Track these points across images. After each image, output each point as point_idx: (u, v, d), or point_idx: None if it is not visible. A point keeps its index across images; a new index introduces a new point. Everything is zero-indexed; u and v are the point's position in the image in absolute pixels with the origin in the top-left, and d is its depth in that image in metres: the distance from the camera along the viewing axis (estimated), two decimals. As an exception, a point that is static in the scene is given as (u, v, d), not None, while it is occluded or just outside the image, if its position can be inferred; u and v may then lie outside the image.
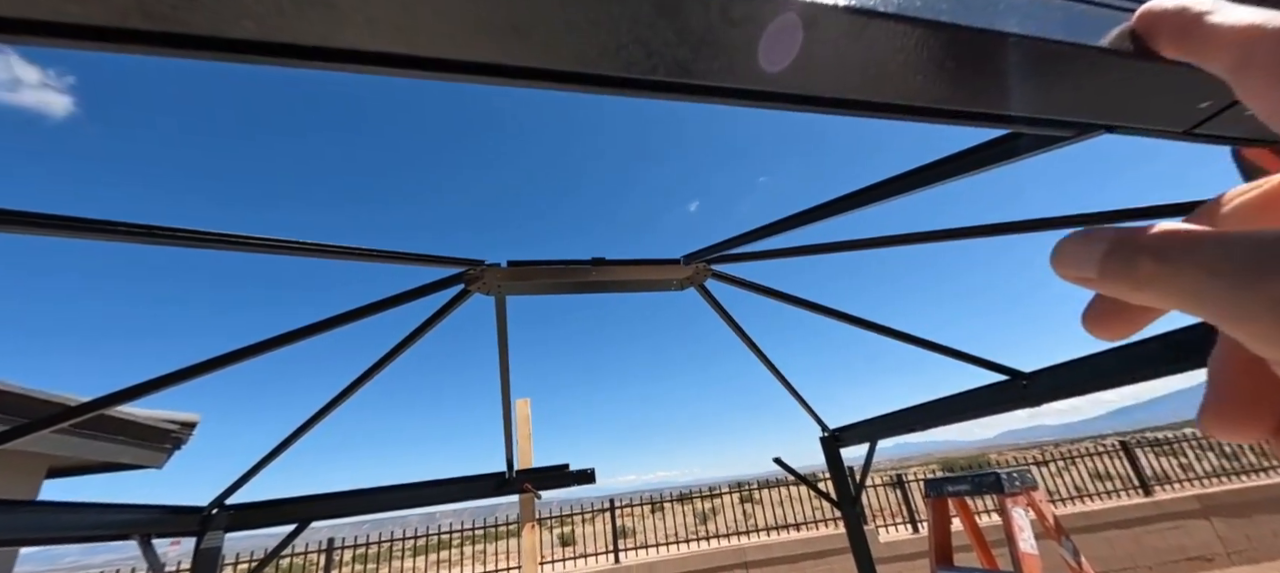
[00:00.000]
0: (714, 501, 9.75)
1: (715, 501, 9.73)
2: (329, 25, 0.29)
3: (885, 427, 3.13)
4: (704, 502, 9.92)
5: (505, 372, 2.49)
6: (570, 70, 0.32)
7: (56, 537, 1.83)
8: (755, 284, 2.07)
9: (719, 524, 9.16)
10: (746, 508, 9.49)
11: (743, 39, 0.31)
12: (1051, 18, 0.32)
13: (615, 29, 0.29)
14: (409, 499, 2.87)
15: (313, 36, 0.29)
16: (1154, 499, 8.38)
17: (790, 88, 0.34)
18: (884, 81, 0.32)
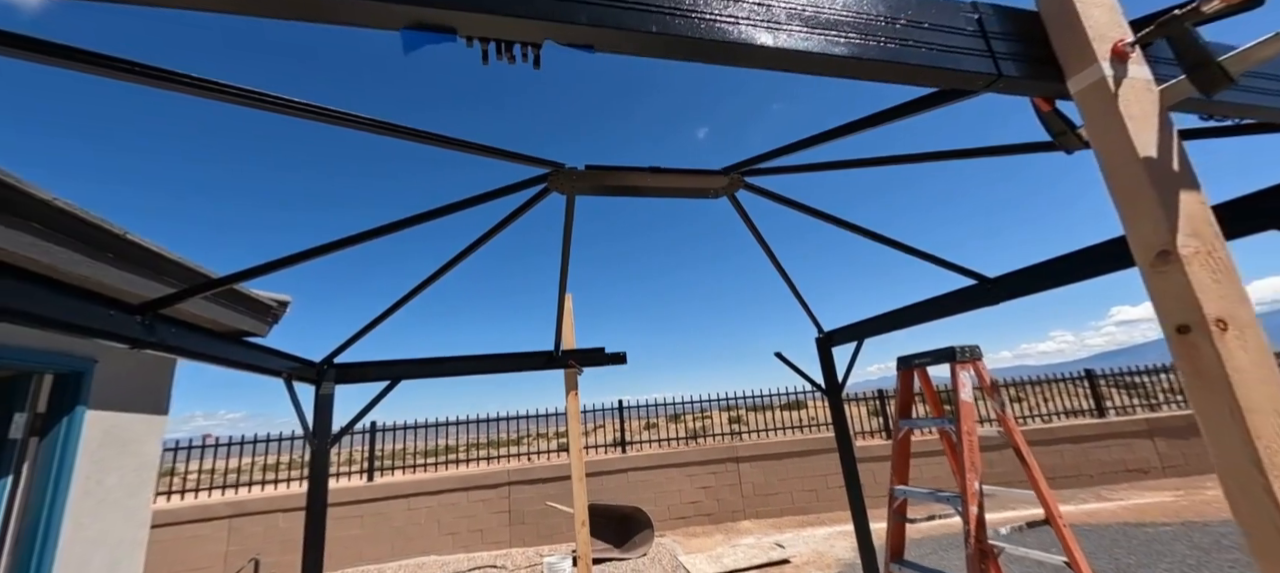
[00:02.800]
0: (704, 419, 10.57)
1: (705, 419, 10.54)
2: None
3: (873, 327, 3.67)
4: (695, 420, 10.76)
5: (565, 265, 2.99)
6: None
7: (238, 363, 2.39)
8: (778, 195, 2.51)
9: (708, 444, 10.04)
10: (734, 428, 10.37)
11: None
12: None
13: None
14: (476, 367, 3.47)
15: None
16: (1105, 420, 9.33)
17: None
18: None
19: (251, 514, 7.19)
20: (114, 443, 2.66)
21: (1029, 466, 2.30)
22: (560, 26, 0.55)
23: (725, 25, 0.60)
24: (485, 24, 0.54)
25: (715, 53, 0.60)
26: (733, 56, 0.60)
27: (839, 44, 0.64)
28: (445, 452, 9.16)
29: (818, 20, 0.64)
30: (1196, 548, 5.26)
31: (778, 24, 0.62)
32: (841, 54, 0.64)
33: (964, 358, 2.31)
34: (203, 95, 1.26)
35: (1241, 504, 0.57)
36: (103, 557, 2.59)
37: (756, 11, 0.61)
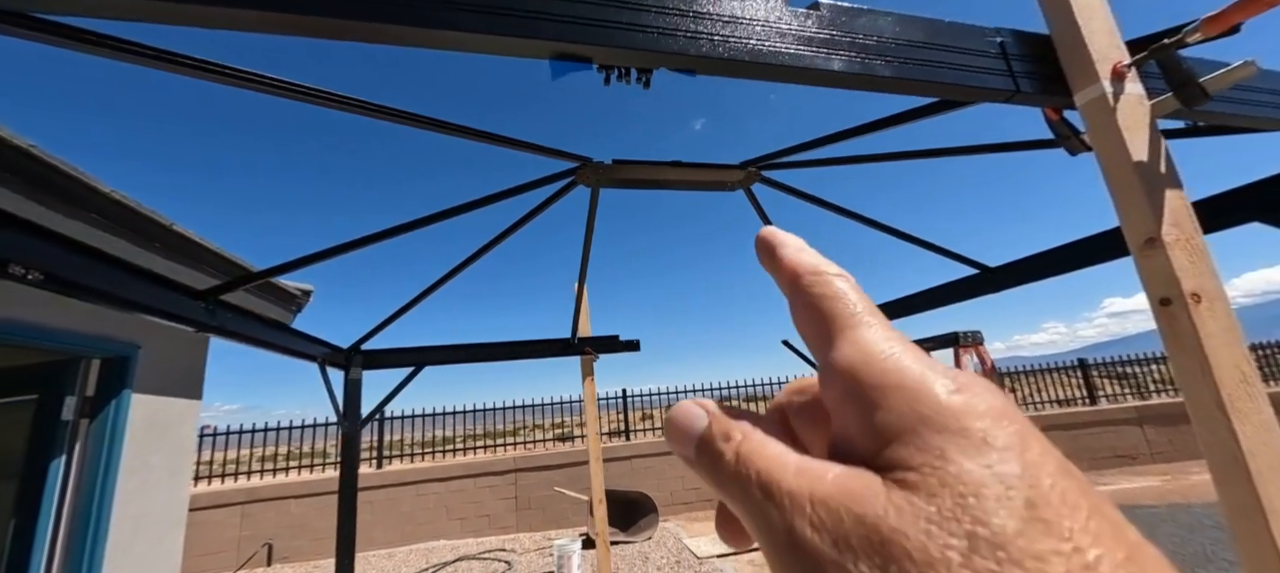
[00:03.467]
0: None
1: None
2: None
3: (877, 316, 3.84)
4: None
5: (586, 257, 3.11)
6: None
7: (280, 347, 2.51)
8: (793, 188, 2.64)
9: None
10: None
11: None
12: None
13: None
14: (497, 353, 3.60)
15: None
16: (1097, 408, 9.59)
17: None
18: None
19: (263, 501, 7.31)
20: (157, 426, 2.78)
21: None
22: (673, 57, 0.68)
23: (803, 52, 0.72)
24: (614, 56, 0.66)
25: (793, 75, 0.72)
26: (806, 78, 0.73)
27: (885, 67, 0.77)
28: (448, 442, 9.30)
29: (869, 47, 0.76)
30: (1181, 527, 5.49)
31: (841, 51, 0.74)
32: (887, 75, 0.77)
33: (967, 342, 2.46)
34: (243, 86, 1.29)
35: (1208, 441, 0.72)
36: (147, 535, 2.72)
37: (826, 42, 0.74)
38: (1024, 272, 2.73)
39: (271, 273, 2.41)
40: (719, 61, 0.68)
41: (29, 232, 1.13)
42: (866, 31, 0.76)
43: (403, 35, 0.64)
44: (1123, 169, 0.78)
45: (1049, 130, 1.08)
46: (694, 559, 6.06)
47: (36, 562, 2.26)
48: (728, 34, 0.68)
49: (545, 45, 0.64)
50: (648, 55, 0.67)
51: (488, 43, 0.65)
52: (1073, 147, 1.04)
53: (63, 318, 2.29)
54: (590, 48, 0.64)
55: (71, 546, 2.35)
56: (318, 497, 7.57)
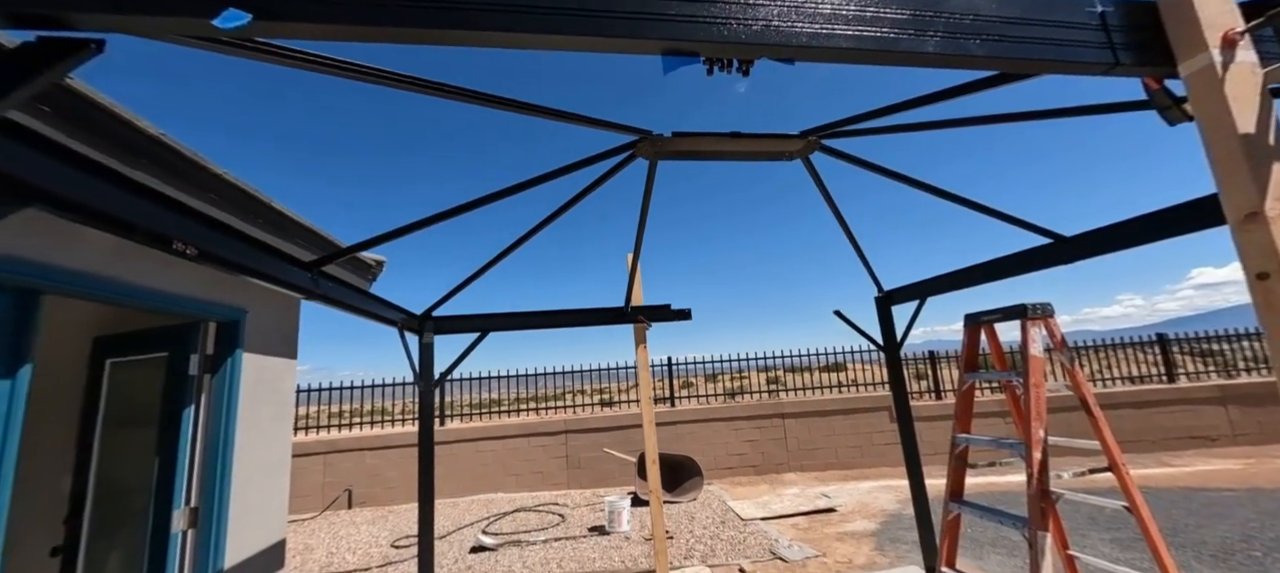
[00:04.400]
0: (742, 379, 10.64)
1: (743, 380, 10.61)
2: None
3: (935, 287, 3.72)
4: (732, 380, 10.82)
5: (641, 228, 3.19)
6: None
7: (367, 313, 2.77)
8: (855, 157, 2.60)
9: (753, 400, 10.18)
10: (772, 388, 10.46)
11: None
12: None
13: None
14: (555, 321, 3.78)
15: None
16: (1175, 386, 8.96)
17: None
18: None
19: (343, 452, 8.05)
20: (264, 382, 3.13)
21: (1095, 417, 2.40)
22: (774, 48, 0.72)
23: (900, 37, 0.75)
24: (721, 49, 0.72)
25: (889, 58, 0.76)
26: (900, 60, 0.76)
27: (979, 46, 0.78)
28: (499, 405, 9.81)
29: (962, 26, 0.78)
30: (1261, 512, 5.17)
31: (936, 33, 0.76)
32: (981, 54, 0.78)
33: (1035, 315, 2.39)
34: (309, 69, 1.36)
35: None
36: (261, 476, 3.11)
37: (918, 23, 0.76)
38: (1101, 241, 2.59)
39: (360, 247, 2.63)
40: (817, 50, 0.72)
41: (187, 214, 1.31)
42: (959, 9, 0.78)
43: (528, 41, 0.72)
44: (1227, 141, 0.77)
45: (1146, 95, 1.05)
46: (738, 520, 6.25)
47: (179, 490, 2.66)
48: (824, 22, 0.72)
49: (656, 44, 0.70)
50: (751, 48, 0.72)
51: (600, 43, 0.72)
52: (1172, 116, 1.00)
53: (187, 286, 2.60)
54: (699, 44, 0.70)
55: (205, 479, 2.73)
56: (388, 450, 8.24)
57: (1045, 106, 2.01)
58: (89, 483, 2.94)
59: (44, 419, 3.06)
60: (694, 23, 0.68)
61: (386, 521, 7.21)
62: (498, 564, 5.24)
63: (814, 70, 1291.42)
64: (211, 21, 0.63)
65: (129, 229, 1.13)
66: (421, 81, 1.48)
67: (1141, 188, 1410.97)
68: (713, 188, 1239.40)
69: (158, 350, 2.88)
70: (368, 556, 5.84)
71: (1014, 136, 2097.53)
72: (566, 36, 0.69)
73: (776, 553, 5.03)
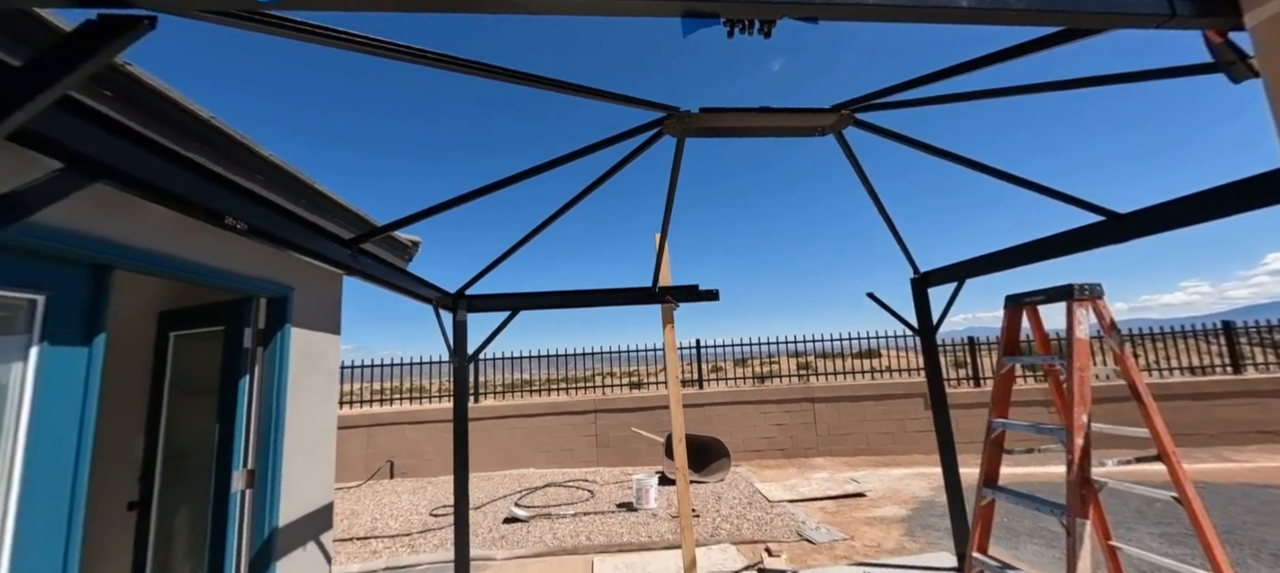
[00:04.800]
0: (772, 364, 10.48)
1: (773, 364, 10.45)
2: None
3: (975, 268, 3.58)
4: (762, 364, 10.67)
5: (669, 207, 3.18)
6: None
7: (403, 289, 2.89)
8: (890, 131, 2.51)
9: (782, 384, 10.06)
10: (802, 373, 10.26)
11: None
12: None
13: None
14: (584, 300, 3.84)
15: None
16: (1241, 377, 8.38)
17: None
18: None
19: (384, 425, 8.45)
20: (311, 355, 3.31)
21: (1145, 403, 2.28)
22: (796, 6, 0.71)
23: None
24: (741, 10, 0.71)
25: (917, 14, 0.73)
26: (938, 16, 0.73)
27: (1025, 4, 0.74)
28: (529, 384, 10.05)
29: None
30: (1337, 512, 4.82)
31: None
32: (1018, 6, 0.74)
33: (1083, 296, 2.27)
34: (340, 46, 1.37)
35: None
36: (309, 443, 3.31)
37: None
38: (1161, 218, 2.43)
39: (394, 226, 2.73)
40: (841, 7, 0.70)
41: (238, 192, 1.40)
42: None
43: (549, 5, 0.72)
44: (1297, 99, 0.71)
45: (1208, 53, 0.97)
46: (765, 502, 6.26)
47: (237, 453, 2.86)
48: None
49: (675, 5, 0.70)
50: (772, 7, 0.70)
51: (619, 5, 0.72)
52: (1237, 72, 0.93)
53: (240, 264, 2.76)
54: (718, 4, 0.69)
55: (260, 444, 2.93)
56: (426, 424, 8.60)
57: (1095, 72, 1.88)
58: (159, 445, 3.20)
59: (121, 387, 3.33)
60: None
61: (425, 491, 7.56)
62: (529, 534, 5.44)
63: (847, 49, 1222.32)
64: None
65: (187, 204, 1.21)
66: (450, 58, 1.51)
67: (1217, 164, 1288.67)
68: (740, 166, 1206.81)
69: (215, 324, 3.08)
70: (408, 522, 6.15)
71: (1067, 109, 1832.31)
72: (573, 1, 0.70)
73: (803, 535, 5.03)
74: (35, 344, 1.82)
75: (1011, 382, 2.71)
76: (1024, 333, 2.83)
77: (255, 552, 2.84)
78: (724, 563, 4.42)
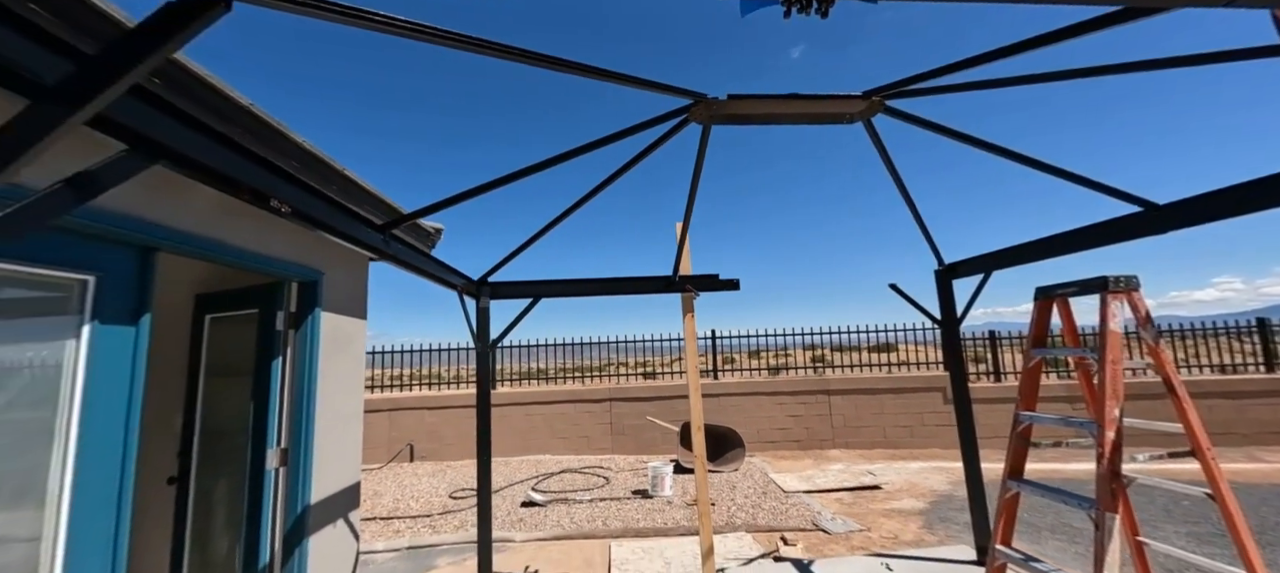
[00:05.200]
0: (786, 356, 10.34)
1: (787, 357, 10.31)
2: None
3: (1002, 259, 3.51)
4: (775, 357, 10.54)
5: (692, 196, 3.17)
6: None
7: (430, 274, 2.93)
8: (923, 120, 2.46)
9: (798, 376, 9.97)
10: (816, 366, 10.13)
11: None
12: None
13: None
14: (606, 288, 3.86)
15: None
16: (1276, 376, 8.12)
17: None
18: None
19: (405, 410, 8.64)
20: (340, 338, 3.40)
21: (1180, 397, 2.24)
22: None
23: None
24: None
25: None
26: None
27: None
28: (543, 373, 10.13)
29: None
30: (1377, 516, 4.67)
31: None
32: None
33: (1117, 288, 2.22)
34: (379, 29, 1.37)
35: None
36: (338, 423, 3.40)
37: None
38: (1201, 209, 2.36)
39: (422, 213, 2.78)
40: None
41: (283, 176, 1.43)
42: None
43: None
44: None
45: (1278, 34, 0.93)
46: (780, 492, 6.27)
47: (271, 431, 2.96)
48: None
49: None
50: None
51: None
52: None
53: (273, 248, 2.83)
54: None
55: (293, 424, 3.02)
56: (446, 409, 8.77)
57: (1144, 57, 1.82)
58: (195, 423, 3.32)
59: (160, 366, 3.45)
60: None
61: (445, 474, 7.72)
62: (547, 518, 5.53)
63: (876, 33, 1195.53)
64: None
65: (236, 186, 1.25)
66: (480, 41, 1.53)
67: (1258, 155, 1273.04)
68: (760, 160, 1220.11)
69: (249, 307, 3.17)
70: (429, 503, 6.30)
71: (1107, 96, 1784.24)
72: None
73: (819, 525, 5.04)
74: (87, 323, 1.90)
75: (1039, 375, 2.67)
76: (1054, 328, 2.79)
77: (289, 527, 2.94)
78: (740, 550, 4.45)
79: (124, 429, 1.99)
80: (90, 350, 1.89)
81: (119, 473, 1.97)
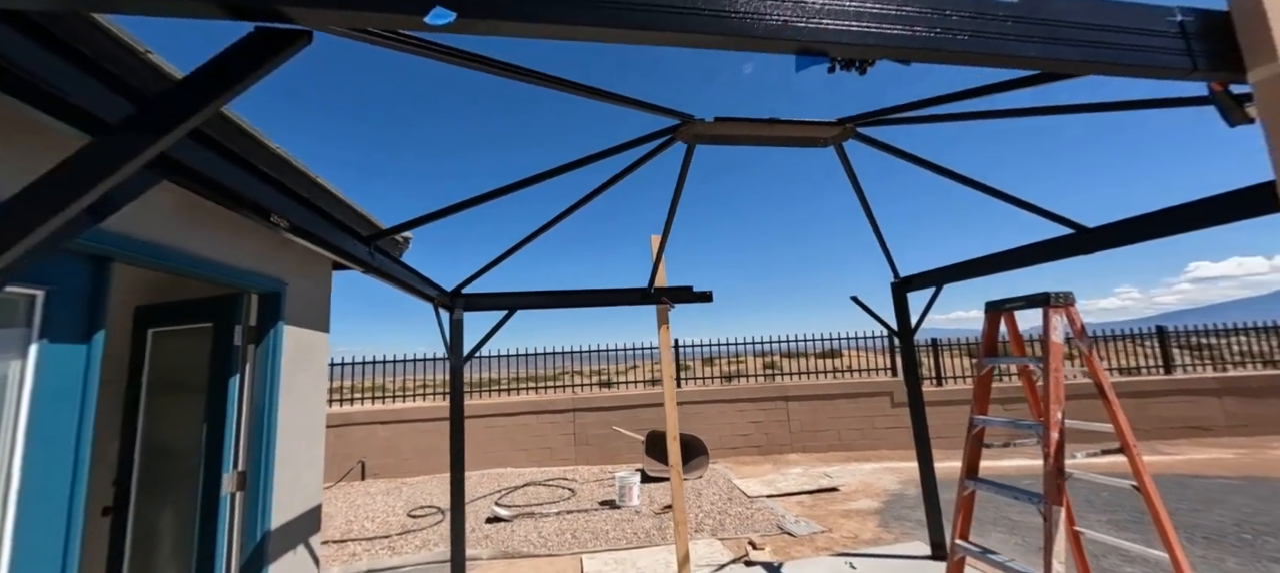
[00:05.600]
0: (739, 363, 10.69)
1: (740, 363, 10.66)
2: None
3: (952, 274, 3.81)
4: (730, 364, 10.86)
5: (673, 211, 3.25)
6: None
7: (409, 287, 2.85)
8: (889, 146, 2.66)
9: (757, 383, 10.25)
10: (768, 372, 10.52)
11: None
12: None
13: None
14: (582, 300, 3.87)
15: None
16: (1171, 377, 9.15)
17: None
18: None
19: (355, 425, 8.20)
20: (302, 353, 3.22)
21: (1110, 400, 2.51)
22: (895, 50, 0.79)
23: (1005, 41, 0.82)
24: (848, 51, 0.79)
25: (990, 61, 0.82)
26: (1000, 63, 0.83)
27: (1073, 52, 0.85)
28: (496, 383, 9.92)
29: (1059, 34, 0.84)
30: (1255, 499, 5.36)
31: (1035, 38, 0.83)
32: (1074, 58, 0.85)
33: (1058, 302, 2.48)
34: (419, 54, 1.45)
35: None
36: (301, 440, 3.22)
37: (1021, 29, 0.83)
38: (1125, 233, 2.67)
39: (407, 226, 2.71)
40: (932, 52, 0.79)
41: (285, 193, 1.38)
42: (1058, 15, 0.84)
43: (687, 40, 0.78)
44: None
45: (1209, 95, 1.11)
46: (744, 497, 6.43)
47: (227, 453, 2.76)
48: (941, 25, 0.79)
49: (790, 44, 0.77)
50: (874, 50, 0.78)
51: (744, 43, 0.79)
52: (1234, 117, 1.08)
53: (235, 257, 2.66)
54: (829, 46, 0.76)
55: (251, 444, 2.84)
56: (401, 424, 8.40)
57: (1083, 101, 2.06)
58: (136, 447, 3.05)
59: (91, 384, 3.15)
60: (828, 29, 0.75)
61: (401, 492, 7.39)
62: (514, 534, 5.42)
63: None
64: (423, 17, 0.69)
65: (238, 201, 1.20)
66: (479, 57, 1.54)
67: (1163, 184, 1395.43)
68: (712, 172, 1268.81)
69: (200, 320, 2.96)
70: (387, 523, 6.01)
71: (1040, 131, 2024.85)
72: (711, 36, 0.76)
73: (784, 528, 5.21)
74: (34, 341, 1.73)
75: (990, 381, 2.91)
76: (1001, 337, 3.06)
77: (247, 557, 2.75)
78: (711, 556, 4.53)
79: (73, 460, 1.82)
80: (37, 372, 1.72)
81: (66, 510, 1.79)
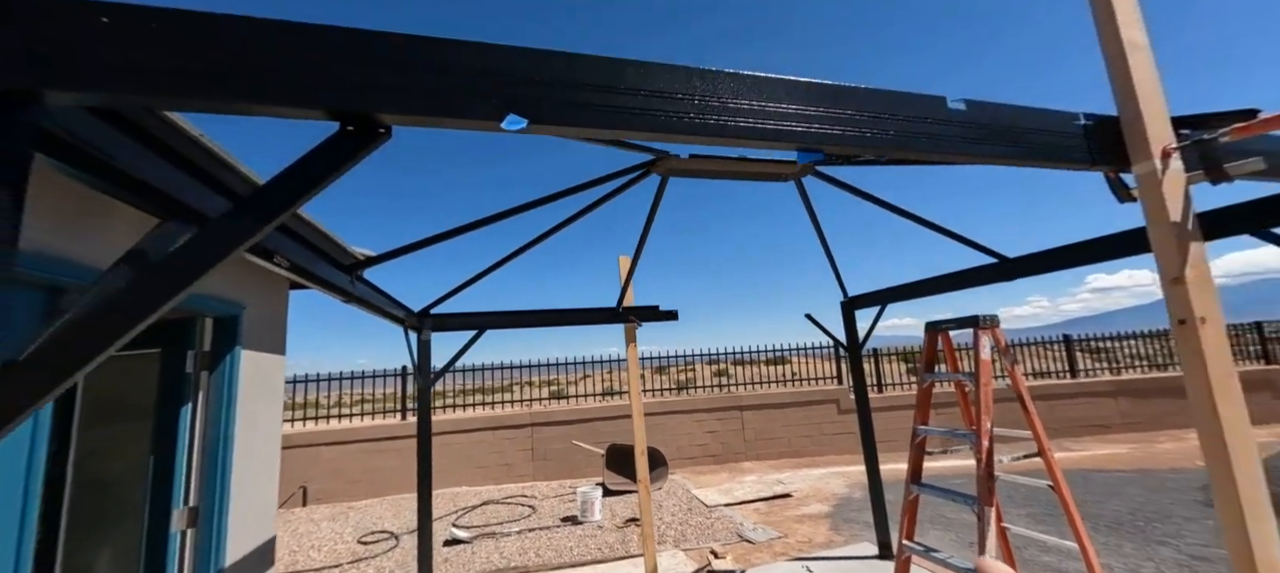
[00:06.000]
0: (689, 372, 11.06)
1: (690, 372, 11.03)
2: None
3: (896, 294, 4.18)
4: (680, 373, 11.21)
5: (644, 237, 3.39)
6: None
7: (381, 311, 2.81)
8: (842, 182, 2.92)
9: (711, 394, 10.55)
10: (720, 380, 10.92)
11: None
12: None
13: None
14: (550, 320, 3.92)
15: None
16: (1077, 380, 10.24)
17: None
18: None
19: (297, 447, 7.73)
20: (260, 378, 3.08)
21: (1029, 411, 2.86)
22: (875, 149, 0.95)
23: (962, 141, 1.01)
24: (845, 148, 0.94)
25: (951, 159, 1.01)
26: (959, 160, 1.02)
27: (1011, 149, 1.05)
28: (440, 397, 9.69)
29: (1000, 134, 1.05)
30: (1146, 489, 6.13)
31: (982, 141, 1.03)
32: (1012, 153, 1.06)
33: (985, 324, 2.81)
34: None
35: (1202, 423, 1.06)
36: (257, 467, 3.08)
37: (972, 132, 1.02)
38: (1038, 263, 3.07)
39: (387, 257, 2.69)
40: (902, 150, 0.96)
41: (289, 235, 1.40)
42: (996, 121, 1.05)
43: (705, 141, 0.91)
44: (1162, 225, 1.09)
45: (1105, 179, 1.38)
46: (703, 507, 6.62)
47: (177, 488, 2.62)
48: (910, 131, 0.96)
49: (791, 144, 0.91)
50: (863, 150, 0.94)
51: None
52: (1123, 196, 1.34)
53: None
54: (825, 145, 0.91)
55: (205, 477, 2.70)
56: (347, 445, 8.00)
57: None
58: (66, 483, 2.81)
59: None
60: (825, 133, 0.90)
61: (347, 517, 7.05)
62: (475, 556, 5.32)
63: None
64: (499, 124, 0.77)
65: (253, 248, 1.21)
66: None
67: (1070, 223, 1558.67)
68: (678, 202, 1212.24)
69: (147, 347, 2.79)
70: (335, 552, 5.73)
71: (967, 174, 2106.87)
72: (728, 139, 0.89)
73: (743, 536, 5.42)
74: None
75: (931, 393, 3.23)
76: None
77: (199, 597, 2.61)
78: (676, 567, 4.66)
79: (22, 500, 1.71)
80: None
81: (15, 552, 1.68)
